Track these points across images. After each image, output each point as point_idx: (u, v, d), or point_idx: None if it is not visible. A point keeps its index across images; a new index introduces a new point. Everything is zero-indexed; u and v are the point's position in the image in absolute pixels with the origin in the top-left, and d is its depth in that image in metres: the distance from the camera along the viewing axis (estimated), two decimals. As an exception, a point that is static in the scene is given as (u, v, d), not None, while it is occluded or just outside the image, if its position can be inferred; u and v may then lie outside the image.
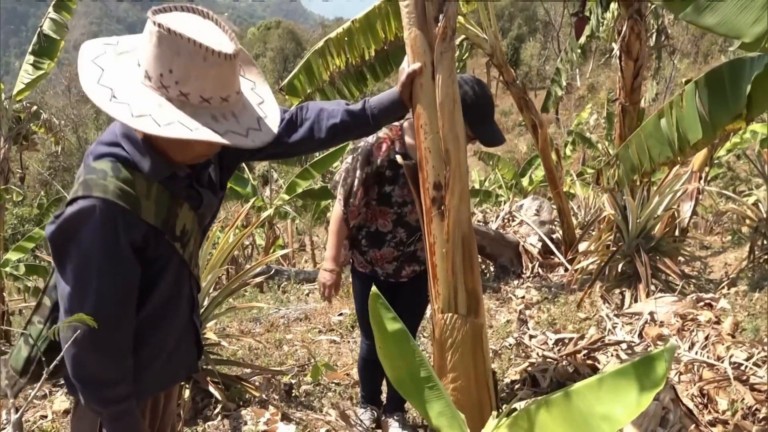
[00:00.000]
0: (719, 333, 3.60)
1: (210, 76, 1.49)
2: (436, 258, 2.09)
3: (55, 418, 3.90)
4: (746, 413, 2.81)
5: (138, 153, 1.59)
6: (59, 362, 1.58)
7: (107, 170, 1.55)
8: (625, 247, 5.07)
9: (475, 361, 2.15)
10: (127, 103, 1.47)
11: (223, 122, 1.53)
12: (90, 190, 1.51)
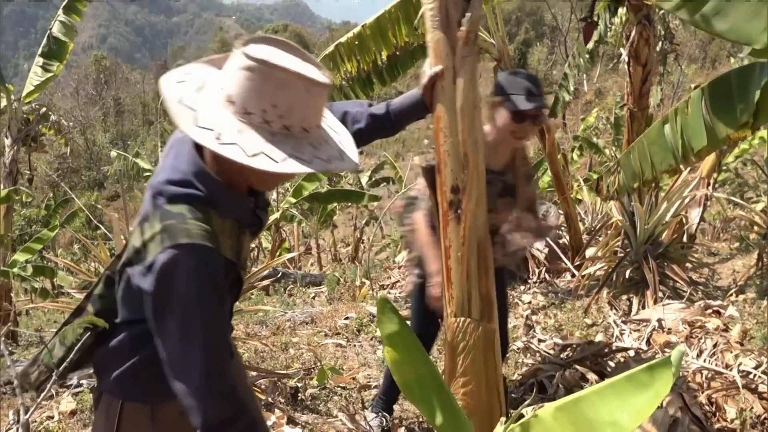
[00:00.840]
0: (727, 341, 3.59)
1: (311, 106, 1.52)
2: (451, 261, 2.09)
3: (61, 418, 3.91)
4: (755, 422, 2.80)
5: (214, 192, 1.58)
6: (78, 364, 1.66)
7: (185, 212, 1.53)
8: (633, 254, 5.05)
9: (487, 365, 2.14)
10: (234, 143, 1.46)
11: (321, 149, 1.55)
12: (175, 238, 1.49)
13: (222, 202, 1.59)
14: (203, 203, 1.57)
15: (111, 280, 1.71)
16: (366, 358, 4.52)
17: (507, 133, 2.80)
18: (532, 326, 4.67)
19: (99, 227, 12.07)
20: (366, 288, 6.71)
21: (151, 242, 1.53)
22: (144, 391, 1.76)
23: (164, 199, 1.57)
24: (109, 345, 1.72)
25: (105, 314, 1.71)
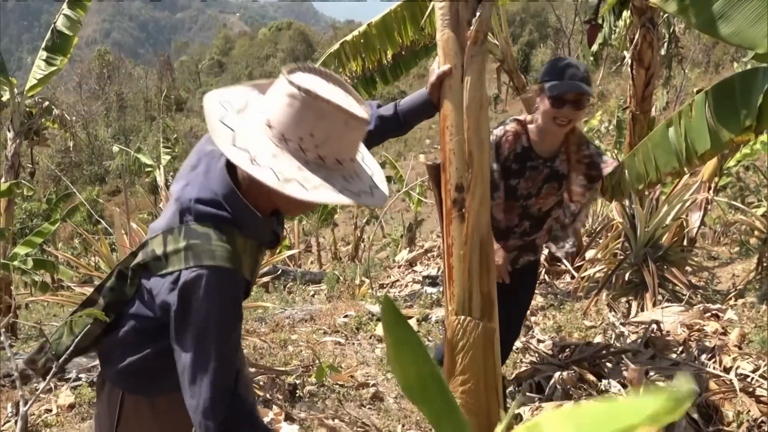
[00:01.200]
0: (725, 344, 3.59)
1: (347, 139, 1.55)
2: (453, 259, 2.09)
3: (59, 412, 3.92)
4: (752, 425, 2.81)
5: (241, 216, 1.61)
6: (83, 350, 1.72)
7: (210, 234, 1.57)
8: (633, 256, 5.06)
9: (486, 364, 2.15)
10: (269, 167, 1.49)
11: (353, 182, 1.59)
12: (200, 259, 1.54)
13: (247, 225, 1.63)
14: (229, 224, 1.60)
15: (123, 275, 1.75)
16: (364, 356, 4.53)
17: (549, 119, 2.77)
18: (531, 327, 4.68)
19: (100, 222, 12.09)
20: (365, 287, 6.72)
21: (173, 255, 1.58)
22: (145, 385, 1.80)
23: (192, 216, 1.60)
24: (116, 336, 1.76)
25: (114, 306, 1.76)
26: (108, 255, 4.40)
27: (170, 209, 1.68)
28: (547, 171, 2.93)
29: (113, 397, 1.81)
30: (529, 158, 2.91)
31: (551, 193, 3.00)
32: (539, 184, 2.96)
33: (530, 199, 2.98)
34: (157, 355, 1.76)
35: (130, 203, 13.70)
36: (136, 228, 4.19)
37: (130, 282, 1.73)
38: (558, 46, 40.48)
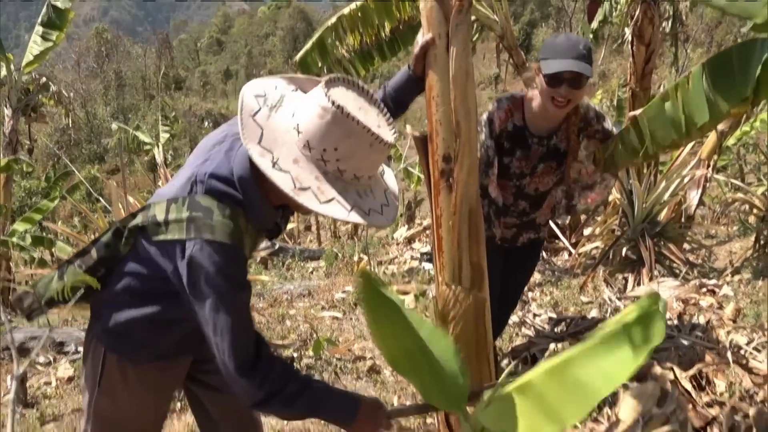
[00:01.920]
0: (720, 318, 3.61)
1: (370, 159, 1.62)
2: (442, 230, 2.09)
3: (58, 384, 3.96)
4: (744, 395, 2.82)
5: (251, 202, 1.66)
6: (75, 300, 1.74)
7: (213, 209, 1.61)
8: (630, 232, 5.06)
9: (477, 334, 2.16)
10: (288, 172, 1.55)
11: (365, 199, 1.65)
12: (200, 233, 1.59)
13: (254, 211, 1.67)
14: (237, 205, 1.64)
15: (119, 232, 1.78)
16: (362, 331, 4.55)
17: (547, 98, 2.65)
18: (527, 302, 4.70)
19: (99, 200, 12.06)
20: (364, 263, 6.74)
21: (174, 224, 1.63)
22: (128, 348, 1.83)
23: (202, 187, 1.64)
24: (106, 292, 1.79)
25: (106, 261, 1.79)
26: (105, 227, 4.41)
27: (181, 179, 1.71)
28: (543, 150, 2.84)
29: (96, 353, 1.84)
30: (522, 137, 2.82)
31: (548, 172, 2.90)
32: (534, 163, 2.86)
33: (524, 179, 2.89)
34: (143, 321, 1.79)
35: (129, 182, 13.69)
36: (134, 202, 4.20)
37: (125, 241, 1.76)
38: (560, 25, 40.18)
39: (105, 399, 1.87)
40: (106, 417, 1.90)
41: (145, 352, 1.85)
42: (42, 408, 3.62)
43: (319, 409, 1.72)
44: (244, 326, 1.65)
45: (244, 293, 1.69)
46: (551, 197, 3.04)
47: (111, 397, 1.86)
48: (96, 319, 1.87)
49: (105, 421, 1.91)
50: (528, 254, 3.26)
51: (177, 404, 3.41)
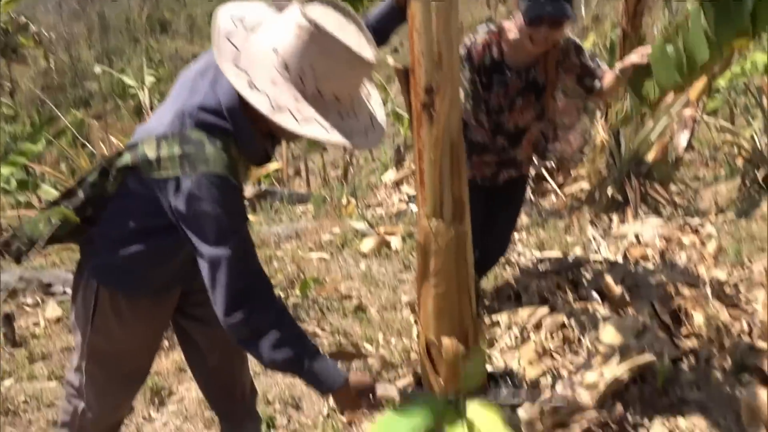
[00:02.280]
0: (701, 255, 3.66)
1: (349, 78, 1.59)
2: (424, 163, 2.08)
3: (47, 325, 3.98)
4: (721, 328, 2.88)
5: (241, 131, 1.64)
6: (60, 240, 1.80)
7: (204, 141, 1.60)
8: (617, 173, 5.07)
9: (458, 267, 2.17)
10: (265, 94, 1.52)
11: (348, 121, 1.62)
12: (195, 167, 1.57)
13: (244, 140, 1.66)
14: (227, 135, 1.63)
15: (105, 172, 1.76)
16: (349, 271, 4.58)
17: (525, 37, 2.65)
18: (513, 243, 4.72)
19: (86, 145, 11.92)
20: (352, 206, 6.74)
21: (167, 161, 1.61)
22: (123, 283, 1.84)
23: (191, 121, 1.63)
24: (97, 230, 1.80)
25: (94, 201, 1.78)
26: (88, 167, 4.37)
27: (168, 114, 1.68)
28: (521, 83, 2.80)
29: (89, 290, 1.84)
30: (499, 70, 2.78)
31: (527, 106, 2.87)
32: (512, 97, 2.83)
33: (502, 114, 2.86)
34: (136, 256, 1.80)
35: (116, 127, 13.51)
36: (116, 143, 4.15)
37: (112, 180, 1.74)
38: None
39: (99, 336, 1.88)
40: (101, 354, 1.92)
41: (140, 286, 1.86)
42: (31, 347, 3.65)
43: (304, 366, 1.69)
44: (245, 258, 1.65)
45: (244, 225, 1.70)
46: (530, 134, 2.99)
47: (105, 334, 1.88)
48: (87, 256, 1.87)
49: (100, 358, 1.93)
50: (512, 190, 3.23)
51: (165, 342, 3.45)
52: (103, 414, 2.05)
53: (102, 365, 1.95)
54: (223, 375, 2.23)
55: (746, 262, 3.68)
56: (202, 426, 2.81)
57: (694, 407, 2.49)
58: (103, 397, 2.01)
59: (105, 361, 1.94)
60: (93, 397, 2.00)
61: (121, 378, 2.02)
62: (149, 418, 2.91)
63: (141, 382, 2.14)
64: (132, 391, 2.12)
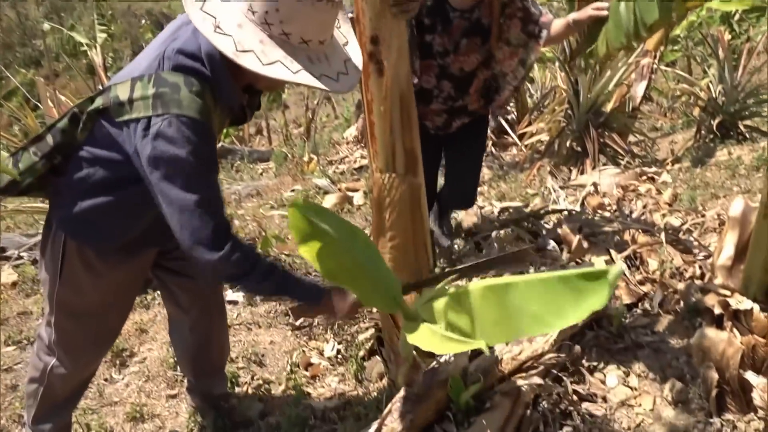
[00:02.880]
0: (657, 202, 3.72)
1: (314, 20, 1.54)
2: (374, 116, 2.05)
3: (3, 290, 3.90)
4: (674, 273, 2.95)
5: (218, 77, 1.62)
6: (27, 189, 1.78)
7: (180, 84, 1.57)
8: (575, 123, 5.10)
9: (414, 220, 2.17)
10: (230, 35, 1.50)
11: (318, 65, 1.58)
12: (168, 108, 1.55)
13: (221, 88, 1.64)
14: (204, 81, 1.61)
15: (76, 118, 1.73)
16: (311, 228, 4.55)
17: None
18: (475, 195, 4.74)
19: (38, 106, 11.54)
20: (314, 163, 6.68)
21: (139, 101, 1.59)
22: (89, 236, 1.82)
23: (169, 64, 1.60)
24: (65, 179, 1.77)
25: (63, 148, 1.75)
26: (36, 128, 4.24)
27: (148, 58, 1.66)
28: (466, 24, 2.74)
29: (56, 243, 1.83)
30: (442, 10, 2.73)
31: (473, 50, 2.80)
32: (456, 39, 2.77)
33: (447, 57, 2.80)
34: (103, 208, 1.77)
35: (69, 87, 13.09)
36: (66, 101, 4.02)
37: (82, 126, 1.72)
38: None
39: (67, 289, 1.88)
40: (69, 308, 1.92)
41: (107, 240, 1.84)
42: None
43: (287, 288, 1.75)
44: (214, 203, 1.65)
45: (213, 172, 1.68)
46: (477, 80, 2.92)
47: (73, 287, 1.87)
48: (55, 208, 1.84)
49: (68, 311, 1.93)
50: (469, 132, 3.12)
51: (146, 297, 3.43)
52: (73, 371, 2.05)
53: (70, 319, 1.94)
54: (201, 330, 2.26)
55: (700, 209, 3.76)
56: (165, 386, 2.80)
57: (647, 350, 2.56)
58: (72, 353, 2.01)
59: (74, 315, 1.93)
60: (63, 353, 2.00)
61: (91, 335, 2.01)
62: (111, 379, 2.89)
63: (111, 340, 2.14)
64: (102, 349, 2.13)
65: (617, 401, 2.29)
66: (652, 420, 2.22)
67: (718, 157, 5.12)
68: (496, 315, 1.75)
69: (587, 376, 2.41)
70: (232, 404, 2.48)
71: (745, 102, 5.93)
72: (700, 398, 2.24)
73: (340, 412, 2.45)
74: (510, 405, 2.05)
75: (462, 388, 2.07)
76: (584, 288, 1.62)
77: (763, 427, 2.07)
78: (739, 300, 2.11)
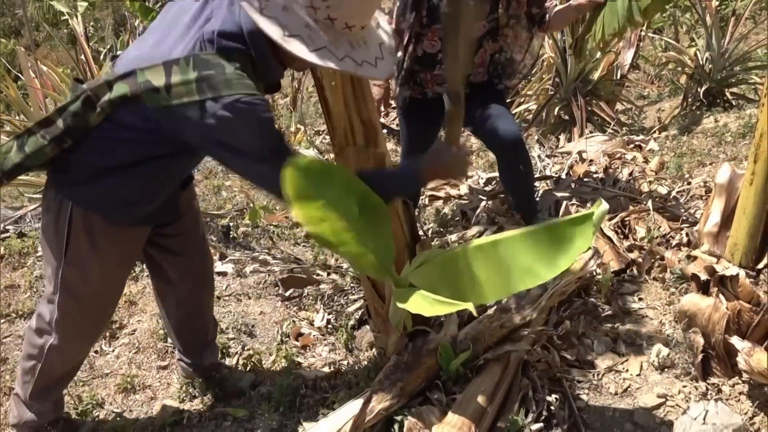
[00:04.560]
0: (644, 170, 3.74)
1: (360, 6, 1.53)
2: (326, 92, 2.01)
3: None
4: (661, 240, 2.98)
5: (262, 56, 1.60)
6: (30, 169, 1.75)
7: (224, 64, 1.54)
8: (563, 91, 5.09)
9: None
10: (276, 18, 1.48)
11: (358, 50, 1.58)
12: (218, 91, 1.51)
13: (265, 66, 1.62)
14: (247, 59, 1.58)
15: (90, 102, 1.66)
16: (299, 198, 4.54)
17: None
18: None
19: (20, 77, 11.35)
20: (301, 134, 6.63)
21: (180, 87, 1.54)
22: (105, 208, 1.80)
23: (212, 47, 1.56)
24: (84, 156, 1.72)
25: (74, 132, 1.69)
26: (18, 98, 4.17)
27: (175, 41, 1.60)
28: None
29: (63, 213, 1.79)
30: None
31: (480, 16, 2.77)
32: None
33: None
34: (122, 187, 1.76)
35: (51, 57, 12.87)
36: (47, 70, 3.95)
37: (100, 110, 1.66)
38: None
39: (73, 270, 1.85)
40: (75, 289, 1.89)
41: (122, 215, 1.82)
42: (-29, 286, 3.55)
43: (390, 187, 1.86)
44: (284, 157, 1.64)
45: (281, 137, 1.69)
46: (483, 52, 2.92)
47: (79, 267, 1.85)
48: (64, 182, 1.78)
49: (74, 293, 1.90)
50: (479, 92, 2.94)
51: (135, 269, 3.41)
52: (72, 350, 2.05)
53: (75, 301, 1.92)
54: (190, 305, 2.26)
55: (687, 176, 3.78)
56: (156, 357, 2.80)
57: (635, 316, 2.60)
58: (74, 332, 2.00)
59: (79, 297, 1.91)
60: (63, 332, 1.98)
61: (93, 315, 2.00)
62: (101, 351, 2.88)
63: (108, 318, 2.14)
64: (101, 328, 2.14)
65: (605, 367, 2.33)
66: (639, 384, 2.25)
67: (704, 125, 5.13)
68: (487, 273, 1.77)
69: (575, 342, 2.44)
70: (223, 374, 2.49)
71: (732, 69, 5.93)
72: (686, 363, 2.28)
73: (331, 381, 2.47)
74: (500, 371, 2.07)
75: (452, 356, 2.10)
76: (570, 233, 1.65)
77: (748, 389, 2.11)
78: (725, 266, 2.13)
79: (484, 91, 2.98)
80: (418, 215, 3.64)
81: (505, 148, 2.92)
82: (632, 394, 2.23)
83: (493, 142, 2.91)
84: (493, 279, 1.78)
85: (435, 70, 2.91)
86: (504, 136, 2.85)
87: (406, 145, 3.18)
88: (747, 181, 2.03)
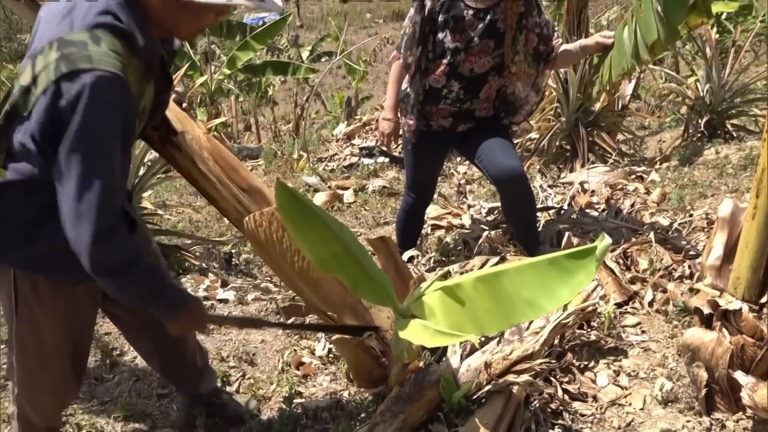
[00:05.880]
0: (645, 201, 3.74)
1: None
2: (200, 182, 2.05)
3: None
4: (664, 273, 2.98)
5: (135, 24, 1.50)
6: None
7: (86, 40, 1.43)
8: (565, 122, 5.12)
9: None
10: None
11: None
12: (75, 64, 1.40)
13: (139, 36, 1.50)
14: (118, 33, 1.48)
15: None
16: (301, 226, 4.54)
17: None
18: (464, 194, 4.76)
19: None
20: (304, 160, 6.66)
21: (42, 73, 1.43)
22: (34, 263, 1.69)
23: (79, 27, 1.46)
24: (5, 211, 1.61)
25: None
26: None
27: (40, 40, 1.51)
28: (480, 24, 2.75)
29: (5, 276, 1.72)
30: (457, 7, 2.76)
31: (485, 51, 2.81)
32: (469, 37, 2.78)
33: (458, 55, 2.80)
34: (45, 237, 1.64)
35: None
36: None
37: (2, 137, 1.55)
38: None
39: (25, 326, 1.78)
40: (29, 347, 1.82)
41: (53, 266, 1.69)
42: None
43: (159, 295, 1.67)
44: (114, 186, 1.53)
45: (132, 135, 1.57)
46: (489, 87, 2.94)
47: (30, 323, 1.77)
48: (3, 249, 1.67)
49: (29, 351, 1.83)
50: (483, 125, 3.04)
51: None
52: (40, 406, 1.96)
53: (35, 357, 1.84)
54: (167, 346, 2.17)
55: (688, 208, 3.79)
56: (157, 384, 2.78)
57: (637, 350, 2.58)
58: (39, 388, 1.91)
59: (35, 355, 1.83)
60: (25, 389, 1.92)
61: (58, 369, 1.89)
62: (102, 379, 2.87)
63: (78, 374, 1.97)
64: (70, 383, 1.98)
65: (607, 400, 2.31)
66: (642, 419, 2.24)
67: (705, 156, 5.15)
68: (489, 304, 1.77)
69: (578, 375, 2.43)
70: (223, 400, 2.46)
71: (732, 101, 5.96)
72: (690, 397, 2.26)
73: (332, 412, 2.45)
74: (502, 404, 2.06)
75: (454, 388, 2.09)
76: (573, 266, 1.66)
77: (752, 425, 2.10)
78: (729, 300, 2.13)
79: (489, 125, 3.03)
80: (420, 244, 3.64)
81: (507, 183, 2.97)
82: (635, 429, 2.21)
83: (495, 176, 2.96)
84: (495, 310, 1.78)
85: (440, 104, 2.94)
86: (506, 171, 2.90)
87: (411, 175, 3.21)
88: (749, 215, 2.04)
